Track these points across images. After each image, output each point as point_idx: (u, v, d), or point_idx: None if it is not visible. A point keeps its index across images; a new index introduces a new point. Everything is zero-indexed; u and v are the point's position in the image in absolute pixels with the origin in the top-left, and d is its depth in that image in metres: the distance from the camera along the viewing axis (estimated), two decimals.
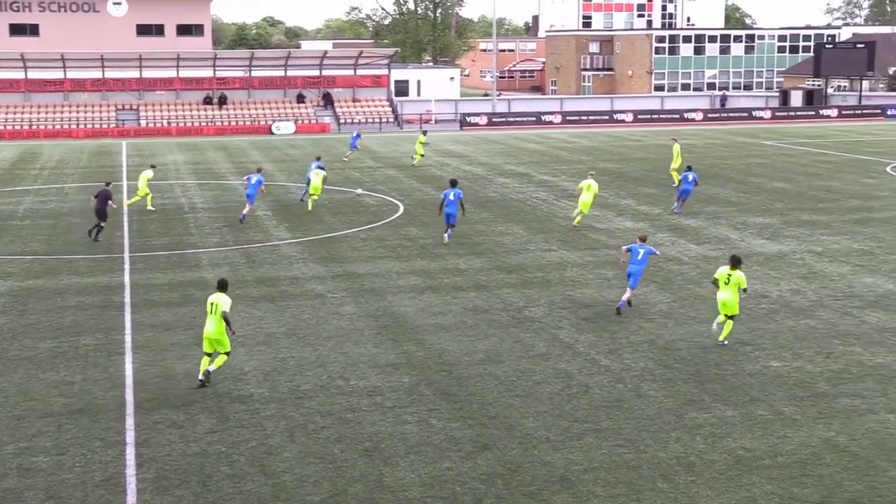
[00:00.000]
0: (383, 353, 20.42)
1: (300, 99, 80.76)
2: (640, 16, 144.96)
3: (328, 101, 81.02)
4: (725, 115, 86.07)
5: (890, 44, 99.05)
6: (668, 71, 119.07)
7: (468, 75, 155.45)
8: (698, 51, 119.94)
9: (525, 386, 18.54)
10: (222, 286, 18.73)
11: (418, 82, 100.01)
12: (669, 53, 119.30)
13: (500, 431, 16.39)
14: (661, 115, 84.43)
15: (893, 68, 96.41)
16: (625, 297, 23.54)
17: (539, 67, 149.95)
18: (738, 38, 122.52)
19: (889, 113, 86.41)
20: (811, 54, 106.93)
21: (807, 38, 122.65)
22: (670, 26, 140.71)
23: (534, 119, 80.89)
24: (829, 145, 63.56)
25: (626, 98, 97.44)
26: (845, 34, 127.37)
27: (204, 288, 25.20)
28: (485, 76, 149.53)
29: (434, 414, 17.17)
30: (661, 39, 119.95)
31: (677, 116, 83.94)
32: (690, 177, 36.97)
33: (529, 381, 18.81)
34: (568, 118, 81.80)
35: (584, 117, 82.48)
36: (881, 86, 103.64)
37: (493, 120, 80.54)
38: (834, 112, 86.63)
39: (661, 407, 17.43)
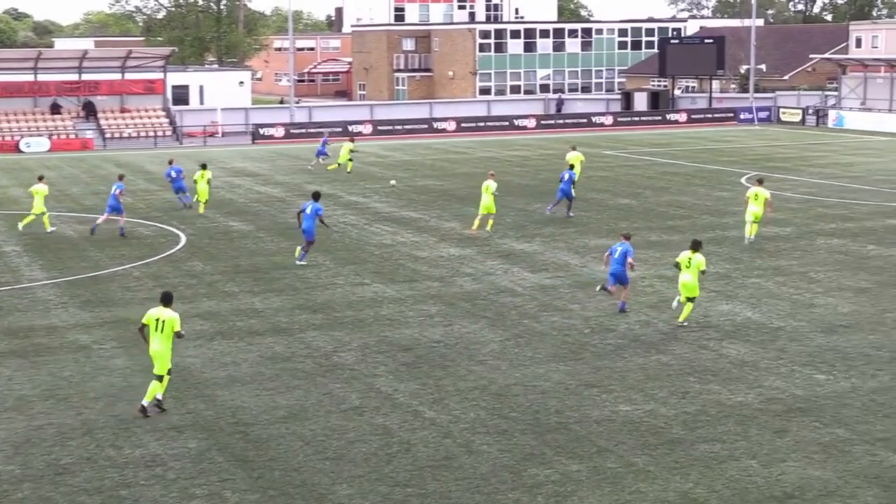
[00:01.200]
0: (164, 414, 20.02)
1: (55, 109, 78.54)
2: (461, 7, 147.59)
3: (90, 111, 79.10)
4: (562, 121, 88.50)
5: (740, 39, 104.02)
6: (496, 71, 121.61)
7: (261, 79, 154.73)
8: (529, 48, 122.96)
9: (336, 446, 18.48)
10: (167, 300, 20.01)
11: (201, 88, 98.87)
12: (496, 51, 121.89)
13: (307, 502, 16.28)
14: (489, 123, 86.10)
15: (745, 66, 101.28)
16: (622, 297, 27.13)
17: (345, 68, 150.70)
18: (573, 33, 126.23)
19: (742, 116, 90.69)
20: (655, 51, 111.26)
21: (650, 32, 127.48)
22: (496, 19, 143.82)
23: (340, 130, 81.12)
24: (678, 154, 66.16)
25: (448, 103, 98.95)
26: (692, 28, 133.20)
27: None
28: (280, 80, 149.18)
29: (228, 485, 16.92)
30: (486, 35, 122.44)
31: (507, 124, 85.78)
32: (567, 175, 40.27)
33: (342, 440, 18.77)
34: (380, 128, 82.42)
35: (399, 127, 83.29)
36: (732, 86, 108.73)
37: (292, 132, 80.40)
38: (682, 116, 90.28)
39: (496, 463, 17.68)
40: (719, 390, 21.17)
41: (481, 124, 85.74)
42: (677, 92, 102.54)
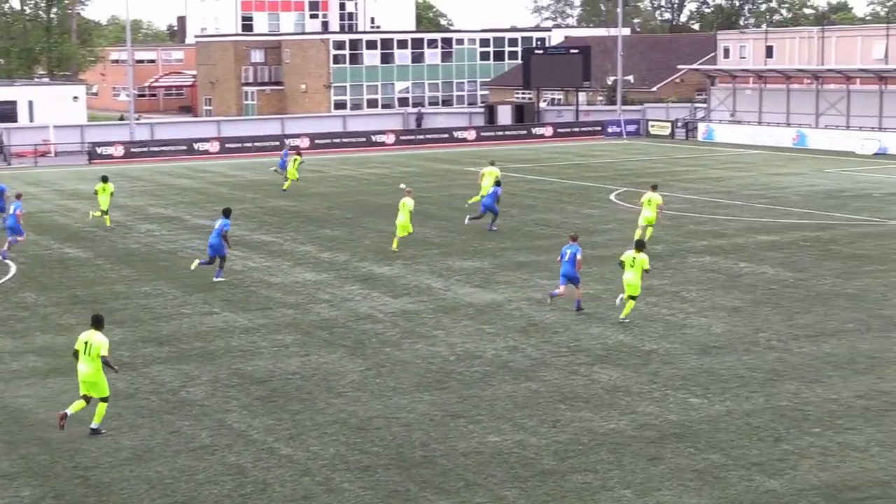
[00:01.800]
0: None
1: None
2: (313, 16, 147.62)
3: None
4: (422, 136, 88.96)
5: (607, 49, 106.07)
6: (351, 84, 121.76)
7: (97, 94, 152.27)
8: (386, 59, 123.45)
9: (186, 489, 18.25)
10: (97, 322, 20.89)
11: (30, 103, 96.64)
12: (351, 62, 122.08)
13: None
14: (345, 140, 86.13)
15: (612, 77, 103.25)
16: (577, 296, 29.72)
17: (189, 82, 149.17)
18: (433, 43, 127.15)
19: (610, 130, 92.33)
20: (519, 61, 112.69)
21: (513, 42, 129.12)
22: (351, 29, 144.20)
23: (185, 148, 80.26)
24: (544, 170, 67.06)
25: (301, 119, 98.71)
26: (556, 37, 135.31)
27: None
28: (119, 94, 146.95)
29: None
30: (340, 45, 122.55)
31: (364, 140, 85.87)
32: (492, 189, 43.20)
33: (191, 481, 18.54)
34: (228, 146, 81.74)
35: (249, 144, 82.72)
36: (600, 98, 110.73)
37: (132, 150, 79.20)
38: (548, 130, 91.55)
39: (358, 502, 17.66)
40: (591, 417, 21.49)
41: (337, 140, 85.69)
42: (543, 105, 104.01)
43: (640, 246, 28.81)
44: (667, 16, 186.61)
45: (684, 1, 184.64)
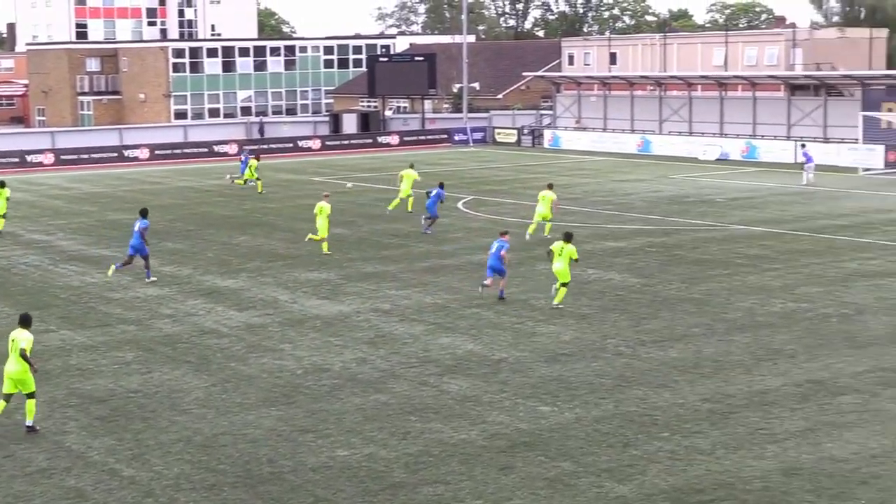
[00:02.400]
0: None
1: None
2: (151, 24, 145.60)
3: None
4: (266, 146, 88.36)
5: (452, 56, 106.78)
6: (192, 93, 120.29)
7: None
8: (228, 67, 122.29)
9: None
10: (25, 321, 22.02)
11: None
12: (192, 71, 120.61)
13: None
14: (186, 150, 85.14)
15: (458, 85, 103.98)
16: (501, 286, 32.52)
17: (20, 92, 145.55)
18: (275, 51, 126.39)
19: (457, 138, 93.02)
20: (364, 69, 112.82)
21: (357, 49, 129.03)
22: (191, 37, 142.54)
23: (17, 160, 78.42)
24: (390, 179, 67.10)
25: (140, 129, 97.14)
26: (401, 45, 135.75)
27: None
28: None
29: None
30: (179, 53, 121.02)
31: (206, 150, 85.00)
32: (434, 191, 45.18)
33: None
34: (63, 158, 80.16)
35: (85, 156, 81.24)
36: (446, 106, 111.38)
37: None
38: (395, 139, 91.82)
39: None
40: (442, 428, 21.58)
41: (178, 151, 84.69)
42: (388, 113, 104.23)
43: (567, 237, 31.54)
44: (511, 23, 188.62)
45: (528, 8, 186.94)
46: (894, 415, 21.78)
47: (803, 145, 67.66)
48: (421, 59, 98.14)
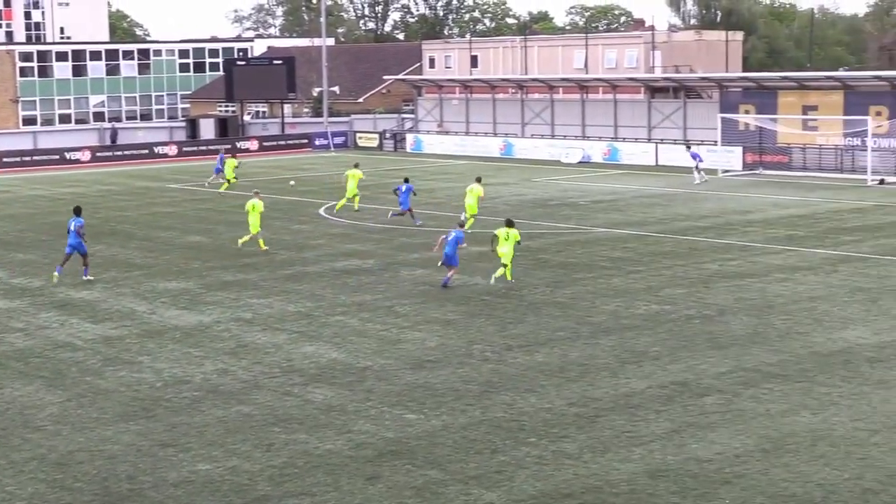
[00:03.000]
0: None
1: None
2: None
3: None
4: (120, 153, 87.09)
5: (311, 59, 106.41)
6: (41, 98, 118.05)
7: None
8: (79, 71, 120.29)
9: None
10: None
11: None
12: (41, 75, 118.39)
13: None
14: (36, 158, 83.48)
15: (318, 89, 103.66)
16: (448, 275, 35.04)
17: None
18: (128, 55, 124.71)
19: (318, 143, 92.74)
20: (221, 73, 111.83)
21: (214, 53, 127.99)
22: (39, 40, 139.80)
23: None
24: (250, 186, 66.57)
25: None
26: (259, 48, 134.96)
27: None
28: None
29: None
30: (27, 57, 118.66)
31: (57, 158, 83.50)
32: (404, 187, 48.37)
33: None
34: None
35: None
36: (306, 110, 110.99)
37: None
38: (254, 144, 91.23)
39: None
40: (307, 439, 21.48)
41: (27, 159, 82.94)
42: (247, 118, 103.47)
43: (510, 223, 35.12)
44: (371, 25, 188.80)
45: (388, 10, 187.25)
46: (756, 414, 22.28)
47: (688, 147, 68.87)
48: (279, 62, 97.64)
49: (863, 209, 51.70)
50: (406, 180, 50.05)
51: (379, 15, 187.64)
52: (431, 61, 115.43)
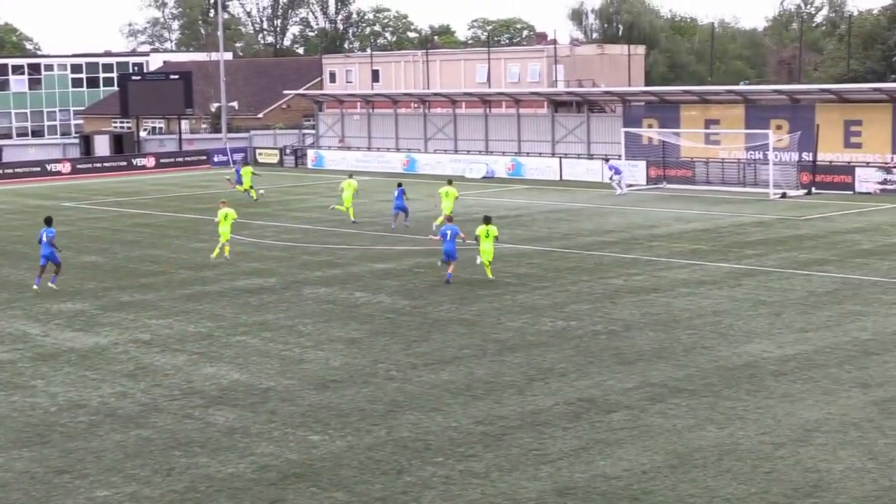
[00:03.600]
0: None
1: None
2: None
3: None
4: (10, 171, 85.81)
5: (209, 74, 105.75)
6: None
7: None
8: None
9: None
10: None
11: None
12: None
13: None
14: None
15: (216, 104, 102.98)
16: (450, 271, 37.63)
17: None
18: (18, 70, 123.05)
19: (216, 159, 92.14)
20: (116, 88, 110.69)
21: (108, 67, 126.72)
22: None
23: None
24: (148, 203, 66.05)
25: None
26: (155, 62, 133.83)
27: None
28: None
29: None
30: None
31: None
32: (397, 192, 51.10)
33: None
34: None
35: None
36: (204, 126, 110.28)
37: None
38: (150, 161, 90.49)
39: None
40: (208, 462, 21.28)
41: None
42: (143, 134, 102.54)
43: (487, 220, 37.64)
44: (270, 39, 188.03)
45: (287, 24, 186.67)
46: (663, 430, 22.50)
47: (607, 160, 69.52)
48: (176, 77, 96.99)
49: (765, 223, 52.55)
50: (399, 185, 53.37)
51: (278, 28, 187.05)
52: (332, 76, 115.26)
